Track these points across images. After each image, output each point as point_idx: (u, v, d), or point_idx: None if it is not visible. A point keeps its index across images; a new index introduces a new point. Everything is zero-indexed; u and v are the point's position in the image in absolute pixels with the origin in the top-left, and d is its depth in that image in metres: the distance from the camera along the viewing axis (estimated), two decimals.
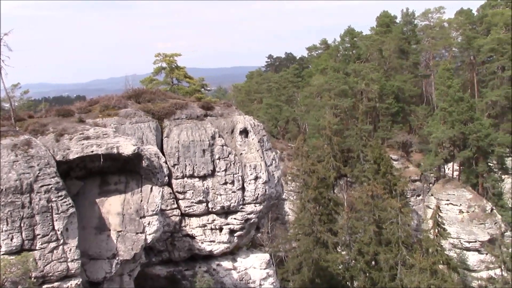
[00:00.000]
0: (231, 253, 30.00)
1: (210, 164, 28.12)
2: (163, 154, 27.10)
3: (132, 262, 22.68)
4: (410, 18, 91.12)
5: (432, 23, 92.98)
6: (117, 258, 21.70)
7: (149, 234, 22.33)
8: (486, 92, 78.58)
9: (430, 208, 65.82)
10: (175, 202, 28.06)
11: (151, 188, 22.63)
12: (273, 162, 30.99)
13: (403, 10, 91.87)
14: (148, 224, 22.22)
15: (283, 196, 61.57)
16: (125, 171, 22.76)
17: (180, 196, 27.98)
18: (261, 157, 29.45)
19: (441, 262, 49.44)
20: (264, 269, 30.38)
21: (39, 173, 19.83)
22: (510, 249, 60.21)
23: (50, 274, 19.75)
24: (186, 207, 28.06)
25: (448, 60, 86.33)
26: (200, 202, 27.98)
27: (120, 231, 21.91)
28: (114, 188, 22.48)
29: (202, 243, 28.62)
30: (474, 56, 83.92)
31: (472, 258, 65.36)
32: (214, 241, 28.62)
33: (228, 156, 28.57)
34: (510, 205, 74.32)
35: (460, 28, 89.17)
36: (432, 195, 71.17)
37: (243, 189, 28.86)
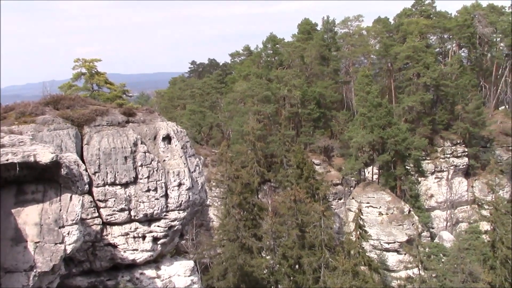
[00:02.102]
0: (155, 261, 29.54)
1: (132, 171, 27.62)
2: (83, 162, 26.41)
3: (51, 273, 21.88)
4: (330, 26, 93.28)
5: (352, 31, 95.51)
6: (34, 270, 20.87)
7: (69, 244, 21.61)
8: (403, 98, 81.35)
9: (352, 211, 67.39)
10: (96, 211, 27.36)
11: (71, 197, 21.95)
12: (197, 168, 30.82)
13: (323, 18, 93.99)
14: (68, 234, 21.52)
15: (207, 202, 61.28)
16: (43, 179, 21.96)
17: (102, 205, 27.32)
18: (184, 164, 29.21)
19: (363, 263, 50.69)
20: (189, 276, 30.10)
21: None
22: (427, 249, 62.53)
23: None
24: (108, 215, 27.42)
25: (367, 67, 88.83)
26: (122, 210, 27.42)
27: (38, 242, 21.09)
28: (31, 197, 21.63)
29: (124, 252, 28.03)
30: (391, 63, 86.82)
31: (392, 259, 67.46)
32: (137, 250, 28.10)
33: (150, 163, 28.17)
34: (426, 207, 77.32)
35: (378, 36, 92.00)
36: (353, 198, 72.91)
37: (166, 196, 28.52)
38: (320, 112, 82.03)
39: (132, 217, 27.82)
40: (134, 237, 28.06)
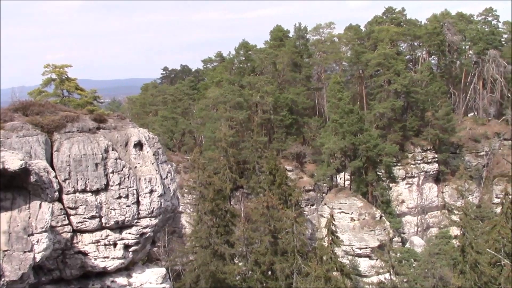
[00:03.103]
0: (126, 269, 29.22)
1: (104, 178, 27.33)
2: (53, 169, 26.04)
3: (20, 282, 21.50)
4: (302, 33, 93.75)
5: (323, 38, 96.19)
6: (2, 279, 20.49)
7: (38, 253, 21.27)
8: (374, 105, 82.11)
9: (324, 216, 67.67)
10: (66, 218, 26.98)
11: (40, 204, 21.62)
12: (169, 175, 30.63)
13: (295, 25, 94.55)
14: (37, 242, 21.18)
15: (180, 209, 61.01)
16: (11, 187, 21.61)
17: (72, 212, 26.95)
18: (156, 170, 29.01)
19: (335, 269, 50.84)
20: (161, 283, 29.85)
21: None
22: (398, 254, 63.06)
23: None
24: (78, 223, 27.06)
25: (338, 74, 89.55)
26: (93, 217, 27.08)
27: (6, 251, 20.72)
28: None
29: (95, 259, 27.68)
30: (363, 70, 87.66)
31: (363, 264, 67.88)
32: (108, 257, 27.77)
33: (122, 169, 27.90)
34: (397, 212, 78.07)
35: (349, 43, 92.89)
36: (325, 204, 73.22)
37: (138, 203, 28.25)
38: (292, 119, 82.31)
39: (103, 225, 27.51)
40: (105, 245, 27.74)
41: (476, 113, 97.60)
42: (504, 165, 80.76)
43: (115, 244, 28.08)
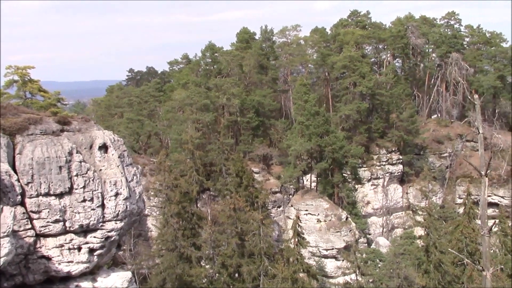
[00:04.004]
0: (91, 273, 28.89)
1: (68, 181, 26.96)
2: (15, 172, 25.59)
3: None
4: (268, 35, 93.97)
5: (290, 40, 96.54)
6: None
7: (0, 258, 20.90)
8: (339, 107, 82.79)
9: (290, 218, 67.88)
10: (29, 222, 26.52)
11: (2, 209, 21.26)
12: (134, 177, 30.39)
13: (262, 27, 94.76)
14: None
15: (146, 212, 60.53)
16: None
17: (35, 216, 26.51)
18: (121, 173, 28.75)
19: (301, 270, 50.97)
20: (126, 287, 29.60)
21: None
22: (364, 255, 63.64)
23: None
24: (42, 227, 26.64)
25: (304, 76, 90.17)
26: (56, 221, 26.69)
27: None
28: None
29: (59, 264, 27.28)
30: (328, 72, 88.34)
31: (330, 265, 68.33)
32: (72, 262, 27.40)
33: (86, 172, 27.57)
34: (363, 213, 78.85)
35: (315, 46, 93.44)
36: (292, 206, 73.48)
37: (103, 206, 27.97)
38: (259, 121, 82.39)
39: (67, 228, 27.14)
40: (69, 249, 27.37)
41: (439, 115, 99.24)
42: (467, 166, 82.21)
43: (79, 248, 27.73)
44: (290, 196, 78.10)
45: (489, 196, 78.30)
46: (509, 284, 46.86)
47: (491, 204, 76.89)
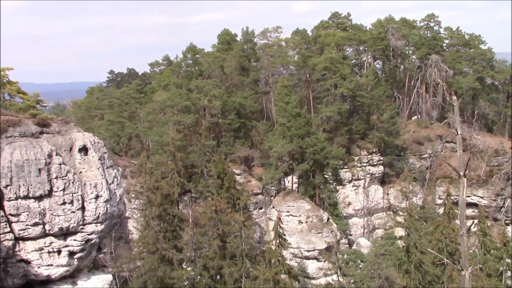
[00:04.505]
0: (71, 276, 28.65)
1: (47, 184, 26.72)
2: None
3: None
4: (250, 37, 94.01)
5: (271, 41, 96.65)
6: None
7: None
8: (321, 108, 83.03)
9: (272, 220, 67.86)
10: (7, 226, 26.24)
11: None
12: (115, 179, 30.21)
13: (243, 28, 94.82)
14: None
15: (126, 214, 60.16)
16: None
17: (14, 219, 26.23)
18: (102, 175, 28.57)
19: (283, 271, 50.98)
20: None
21: None
22: (345, 256, 63.88)
23: None
24: (21, 230, 26.36)
25: (285, 78, 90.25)
26: (36, 224, 26.44)
27: None
28: None
29: (38, 267, 27.02)
30: (310, 74, 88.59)
31: (311, 266, 68.50)
32: (52, 265, 27.15)
33: (66, 175, 27.34)
34: (344, 214, 79.16)
35: (296, 47, 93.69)
36: (273, 207, 73.53)
37: (83, 208, 27.77)
38: (240, 122, 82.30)
39: (47, 232, 26.89)
40: (49, 252, 27.12)
41: (419, 116, 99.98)
42: (446, 167, 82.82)
43: (59, 252, 27.50)
44: (272, 197, 78.11)
45: (468, 196, 79.14)
46: (488, 283, 47.37)
47: (470, 205, 77.76)
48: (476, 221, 51.62)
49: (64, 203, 27.04)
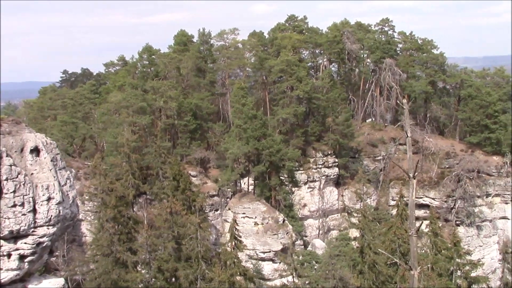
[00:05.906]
0: (22, 280, 28.04)
1: None
2: None
3: None
4: (206, 38, 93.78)
5: (228, 43, 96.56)
6: None
7: None
8: (277, 110, 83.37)
9: (228, 221, 67.81)
10: None
11: None
12: (68, 181, 29.71)
13: (199, 30, 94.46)
14: None
15: (80, 217, 59.29)
16: None
17: None
18: (54, 177, 28.06)
19: (239, 273, 51.05)
20: None
21: None
22: (300, 257, 64.32)
23: None
24: None
25: (242, 79, 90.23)
26: None
27: None
28: None
29: None
30: (266, 76, 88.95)
31: (267, 268, 68.70)
32: (1, 269, 26.51)
33: (17, 176, 26.76)
34: (299, 216, 79.70)
35: (253, 49, 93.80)
36: (229, 209, 73.51)
37: (34, 211, 27.21)
38: (197, 124, 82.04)
39: None
40: None
41: (373, 119, 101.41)
42: (399, 168, 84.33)
43: (9, 255, 26.89)
44: (228, 199, 78.05)
45: (420, 198, 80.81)
46: (439, 282, 48.41)
47: (422, 206, 79.42)
48: (424, 221, 52.61)
49: (14, 205, 26.45)
